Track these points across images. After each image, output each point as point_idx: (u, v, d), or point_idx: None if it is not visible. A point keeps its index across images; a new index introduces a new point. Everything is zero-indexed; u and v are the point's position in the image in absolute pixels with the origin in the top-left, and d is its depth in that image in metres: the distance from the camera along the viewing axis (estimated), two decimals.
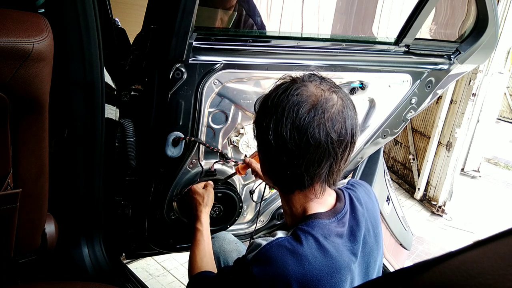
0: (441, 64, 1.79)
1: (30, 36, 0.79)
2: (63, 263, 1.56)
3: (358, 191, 1.04)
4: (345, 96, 0.90)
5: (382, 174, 2.01)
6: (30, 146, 0.92)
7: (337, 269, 0.86)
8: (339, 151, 0.87)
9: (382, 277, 0.75)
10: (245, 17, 1.64)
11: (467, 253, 0.35)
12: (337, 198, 0.98)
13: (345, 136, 0.87)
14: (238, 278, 0.88)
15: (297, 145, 0.85)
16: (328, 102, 0.86)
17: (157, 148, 1.43)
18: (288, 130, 0.85)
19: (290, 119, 0.84)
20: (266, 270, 0.83)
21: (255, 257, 0.86)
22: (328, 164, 0.87)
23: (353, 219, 0.95)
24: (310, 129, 0.83)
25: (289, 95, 0.86)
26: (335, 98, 0.87)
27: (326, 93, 0.87)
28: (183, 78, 1.32)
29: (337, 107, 0.86)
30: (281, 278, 0.81)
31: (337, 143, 0.86)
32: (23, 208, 0.99)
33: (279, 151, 0.87)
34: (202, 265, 1.17)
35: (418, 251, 3.07)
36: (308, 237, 0.86)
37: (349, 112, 0.88)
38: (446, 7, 1.92)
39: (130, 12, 2.35)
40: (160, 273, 2.32)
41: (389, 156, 4.36)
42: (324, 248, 0.86)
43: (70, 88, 1.25)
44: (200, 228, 1.31)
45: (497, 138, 5.59)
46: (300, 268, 0.82)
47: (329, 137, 0.84)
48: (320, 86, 0.88)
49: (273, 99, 0.89)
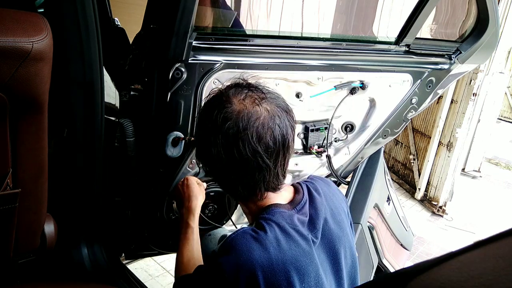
0: (441, 63, 1.79)
1: (30, 35, 0.79)
2: (62, 263, 1.56)
3: (316, 182, 1.06)
4: (271, 105, 0.90)
5: (382, 174, 2.00)
6: (30, 146, 0.92)
7: (301, 253, 0.88)
8: (270, 161, 0.89)
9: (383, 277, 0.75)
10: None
11: (468, 253, 0.35)
12: (295, 191, 1.01)
13: (275, 146, 0.89)
14: (208, 270, 0.91)
15: (226, 162, 0.89)
16: (251, 117, 0.87)
17: (156, 148, 1.43)
18: (216, 148, 0.89)
19: (217, 139, 0.88)
20: (231, 259, 0.84)
21: (221, 247, 0.89)
22: (261, 175, 0.90)
23: (312, 208, 0.98)
24: (236, 148, 0.87)
25: (216, 114, 0.89)
26: (258, 110, 0.88)
27: (248, 107, 0.88)
28: (183, 77, 1.32)
29: (261, 120, 0.87)
30: (246, 266, 0.83)
31: (267, 155, 0.88)
32: (23, 208, 0.98)
33: (212, 168, 0.94)
34: (189, 267, 1.13)
35: (419, 252, 3.07)
36: (271, 223, 0.89)
37: (277, 120, 0.89)
38: (447, 6, 1.92)
39: (130, 12, 2.35)
40: (159, 274, 2.31)
41: (389, 156, 4.35)
42: (287, 233, 0.89)
43: (70, 87, 1.25)
44: (192, 225, 1.23)
45: (498, 138, 5.58)
46: (265, 253, 0.84)
47: (256, 152, 0.87)
48: (243, 102, 0.89)
49: (203, 119, 0.94)
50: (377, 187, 1.91)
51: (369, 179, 1.90)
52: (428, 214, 3.67)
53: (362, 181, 1.91)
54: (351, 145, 1.85)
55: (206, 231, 1.46)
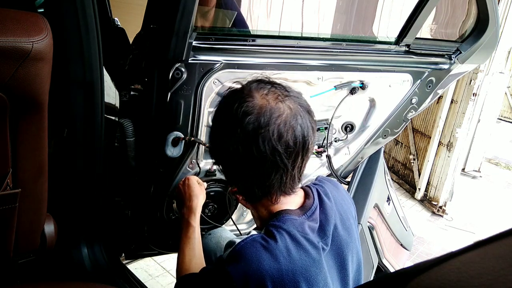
0: (441, 63, 1.79)
1: (30, 35, 0.79)
2: (62, 263, 1.56)
3: (325, 185, 1.03)
4: (294, 103, 0.87)
5: (382, 174, 2.00)
6: (30, 146, 0.92)
7: (311, 263, 0.86)
8: (289, 162, 0.86)
9: (383, 277, 0.75)
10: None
11: (468, 253, 0.35)
12: (305, 196, 0.98)
13: (295, 146, 0.85)
14: (215, 277, 0.88)
15: (243, 159, 0.85)
16: (274, 113, 0.83)
17: (156, 148, 1.43)
18: (234, 144, 0.85)
19: (236, 134, 0.84)
20: (240, 268, 0.82)
21: (230, 255, 0.86)
22: (279, 175, 0.87)
23: (323, 213, 0.95)
24: (255, 144, 0.83)
25: (236, 108, 0.85)
26: (281, 107, 0.85)
27: (271, 103, 0.84)
28: (183, 77, 1.32)
29: (283, 117, 0.84)
30: (255, 275, 0.81)
31: (286, 155, 0.84)
32: (23, 208, 0.98)
33: (228, 165, 0.90)
34: (191, 266, 1.14)
35: (419, 252, 3.07)
36: (281, 232, 0.86)
37: (299, 120, 0.86)
38: (447, 6, 1.92)
39: (130, 12, 2.35)
40: (159, 274, 2.31)
41: (389, 156, 4.35)
42: (298, 241, 0.86)
43: (70, 87, 1.25)
44: (193, 224, 1.22)
45: (498, 138, 5.58)
46: (275, 263, 0.82)
47: (275, 151, 0.83)
48: (266, 97, 0.86)
49: (221, 114, 0.90)
50: (377, 187, 1.91)
51: (369, 179, 1.90)
52: (428, 214, 3.67)
53: (362, 181, 1.91)
54: (351, 145, 1.85)
55: (206, 231, 1.46)
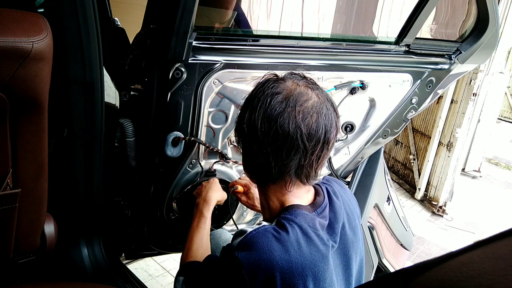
0: (441, 63, 1.79)
1: (30, 35, 0.79)
2: (62, 263, 1.56)
3: (333, 185, 1.05)
4: (323, 95, 0.92)
5: (382, 174, 2.00)
6: (29, 146, 0.92)
7: (320, 259, 0.87)
8: (309, 145, 0.88)
9: (383, 277, 0.75)
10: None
11: (468, 253, 0.34)
12: (315, 193, 1.00)
13: (316, 131, 0.88)
14: (224, 263, 0.89)
15: (266, 134, 0.88)
16: (302, 96, 0.88)
17: (156, 148, 1.43)
18: (259, 119, 0.88)
19: (263, 109, 0.88)
20: (251, 256, 0.83)
21: (241, 242, 0.86)
22: (298, 157, 0.89)
23: (332, 212, 0.97)
24: (279, 119, 0.86)
25: (266, 88, 0.90)
26: (310, 93, 0.90)
27: (301, 88, 0.90)
28: (183, 77, 1.32)
29: (311, 102, 0.88)
30: (265, 265, 0.82)
31: (307, 137, 0.87)
32: (22, 208, 0.98)
33: (250, 139, 0.91)
34: (197, 255, 1.15)
35: (419, 252, 3.07)
36: (293, 225, 0.87)
37: (324, 110, 0.90)
38: (447, 6, 1.92)
39: (130, 12, 2.35)
40: (159, 274, 2.31)
41: (389, 156, 4.35)
42: (309, 236, 0.87)
43: (70, 87, 1.25)
44: (206, 215, 1.24)
45: (498, 138, 5.58)
46: (286, 254, 0.83)
47: (298, 129, 0.86)
48: (297, 82, 0.91)
49: (252, 93, 0.93)
50: (377, 187, 1.91)
51: (369, 179, 1.90)
52: (428, 214, 3.67)
53: (362, 181, 1.91)
54: (351, 145, 1.85)
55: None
